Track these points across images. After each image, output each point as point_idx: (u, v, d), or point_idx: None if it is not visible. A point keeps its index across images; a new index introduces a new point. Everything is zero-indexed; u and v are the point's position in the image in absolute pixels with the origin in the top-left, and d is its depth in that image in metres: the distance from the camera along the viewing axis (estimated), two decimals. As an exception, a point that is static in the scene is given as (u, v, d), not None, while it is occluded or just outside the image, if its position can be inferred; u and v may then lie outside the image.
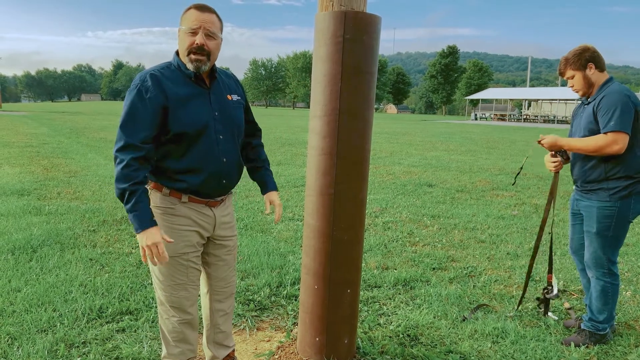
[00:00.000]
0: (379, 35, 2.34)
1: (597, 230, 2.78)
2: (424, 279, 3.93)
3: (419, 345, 2.88)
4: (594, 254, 2.84)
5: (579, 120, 2.90)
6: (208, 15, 1.99)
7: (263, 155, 2.49)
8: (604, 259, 2.81)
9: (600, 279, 2.85)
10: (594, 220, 2.79)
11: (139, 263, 4.07)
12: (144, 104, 1.93)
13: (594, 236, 2.81)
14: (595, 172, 2.77)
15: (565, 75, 2.85)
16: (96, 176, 8.28)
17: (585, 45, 2.82)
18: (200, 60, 1.99)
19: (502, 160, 12.44)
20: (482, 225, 5.77)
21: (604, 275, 2.84)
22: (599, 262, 2.83)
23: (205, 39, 1.97)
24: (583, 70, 2.77)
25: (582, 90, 2.82)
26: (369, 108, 2.38)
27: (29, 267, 3.88)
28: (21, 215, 5.51)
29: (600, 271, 2.84)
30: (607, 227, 2.76)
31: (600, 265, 2.83)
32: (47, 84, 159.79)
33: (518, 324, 3.18)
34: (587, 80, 2.78)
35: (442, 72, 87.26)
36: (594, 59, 2.76)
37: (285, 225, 5.48)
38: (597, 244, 2.81)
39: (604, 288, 2.85)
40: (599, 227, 2.77)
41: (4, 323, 2.94)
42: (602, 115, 2.65)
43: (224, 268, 2.34)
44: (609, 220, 2.74)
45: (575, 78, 2.81)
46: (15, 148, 11.88)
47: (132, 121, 1.93)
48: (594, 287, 2.89)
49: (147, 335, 2.87)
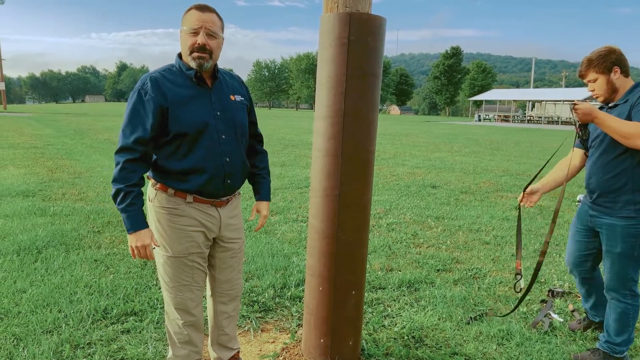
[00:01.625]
0: (383, 37, 2.34)
1: (622, 251, 2.53)
2: (429, 281, 3.92)
3: (424, 347, 2.88)
4: (617, 275, 2.59)
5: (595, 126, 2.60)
6: (208, 15, 2.01)
7: (265, 163, 2.49)
8: (628, 279, 2.58)
9: (622, 302, 2.62)
10: (617, 240, 2.53)
11: (143, 264, 4.07)
12: (143, 105, 1.97)
13: (617, 257, 2.56)
14: (619, 181, 2.49)
15: (587, 78, 2.58)
16: (100, 177, 8.30)
17: (610, 46, 2.53)
18: (203, 57, 2.01)
19: (506, 162, 12.41)
20: (487, 226, 5.75)
21: (625, 297, 2.61)
22: (623, 284, 2.59)
23: (206, 38, 2.00)
24: (608, 74, 2.50)
25: (604, 96, 2.56)
26: (373, 110, 2.38)
27: (34, 268, 3.89)
28: (26, 216, 5.53)
29: (622, 293, 2.61)
30: (632, 247, 2.50)
31: (624, 287, 2.59)
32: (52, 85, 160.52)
33: (523, 326, 3.17)
34: (611, 85, 2.51)
35: (445, 73, 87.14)
36: (620, 63, 2.50)
37: (289, 227, 5.48)
38: (620, 265, 2.56)
39: (626, 310, 2.62)
40: (624, 247, 2.52)
41: (9, 324, 2.95)
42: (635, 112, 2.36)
43: (229, 271, 2.34)
44: (634, 239, 2.49)
45: (598, 82, 2.54)
46: (20, 149, 11.93)
47: (130, 124, 1.98)
48: (614, 310, 2.66)
49: (152, 337, 2.88)
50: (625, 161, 2.46)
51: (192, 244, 2.12)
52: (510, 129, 33.65)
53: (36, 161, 10.01)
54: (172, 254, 2.11)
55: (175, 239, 2.09)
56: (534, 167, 11.33)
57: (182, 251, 2.11)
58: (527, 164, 11.96)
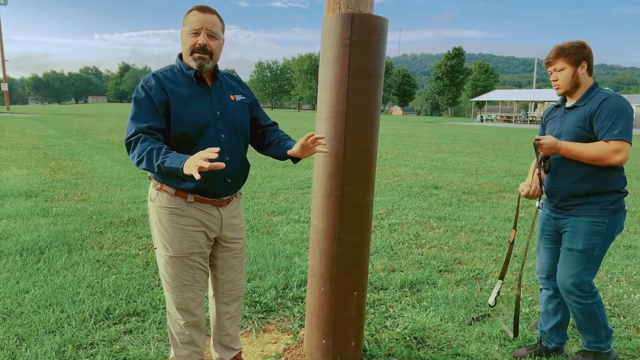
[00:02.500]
0: (385, 38, 2.34)
1: (583, 248, 2.46)
2: (431, 282, 3.92)
3: (426, 348, 2.87)
4: (575, 276, 2.49)
5: (559, 125, 2.57)
6: (210, 16, 2.03)
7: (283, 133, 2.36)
8: (585, 281, 2.49)
9: (583, 303, 2.52)
10: (580, 236, 2.47)
11: (145, 265, 4.08)
12: (149, 98, 1.99)
13: (577, 255, 2.48)
14: (584, 185, 2.45)
15: (553, 66, 2.50)
16: (103, 178, 8.32)
17: (583, 41, 2.48)
18: (204, 58, 2.03)
19: (508, 162, 12.39)
20: (489, 227, 5.74)
21: (586, 298, 2.51)
22: (580, 286, 2.49)
23: (207, 39, 2.02)
24: (576, 67, 2.45)
25: (565, 89, 2.50)
26: (375, 110, 2.38)
27: (36, 269, 3.90)
28: (29, 216, 5.55)
29: (581, 295, 2.51)
30: (593, 246, 2.45)
31: (581, 289, 2.50)
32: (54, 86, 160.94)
33: (525, 326, 3.17)
34: (576, 79, 2.47)
35: (447, 74, 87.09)
36: (589, 59, 2.47)
37: (291, 227, 5.48)
38: (578, 264, 2.48)
39: (590, 310, 2.53)
40: (586, 244, 2.45)
41: (12, 324, 2.96)
42: (603, 121, 2.35)
43: (231, 271, 2.34)
44: (596, 238, 2.44)
45: (564, 72, 2.47)
46: (22, 150, 11.96)
47: (139, 113, 1.97)
48: (578, 312, 2.56)
49: (154, 337, 2.88)
50: (588, 166, 2.42)
51: (193, 243, 2.13)
52: (512, 130, 33.60)
53: (39, 162, 10.04)
54: (173, 254, 2.11)
55: (177, 238, 2.10)
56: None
57: (183, 251, 2.11)
58: (529, 165, 11.92)
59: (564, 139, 2.50)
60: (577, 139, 2.44)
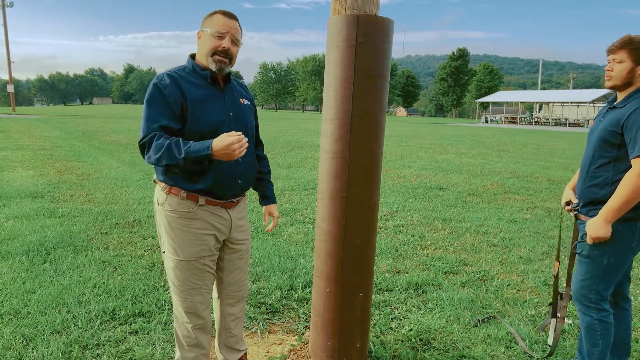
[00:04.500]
0: (391, 39, 2.34)
1: (589, 254, 2.33)
2: (436, 283, 3.91)
3: (432, 350, 2.87)
4: (581, 282, 2.38)
5: (597, 124, 2.40)
6: (234, 22, 2.09)
7: (268, 168, 2.54)
8: (592, 290, 2.35)
9: (586, 314, 2.40)
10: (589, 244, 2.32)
11: (151, 265, 4.09)
12: (163, 97, 1.98)
13: (585, 261, 2.36)
14: (602, 191, 2.29)
15: (614, 55, 2.29)
16: (108, 179, 8.35)
17: None
18: (224, 62, 2.06)
19: (513, 164, 12.35)
20: (494, 229, 5.73)
21: (589, 310, 2.38)
22: (584, 294, 2.37)
23: (230, 44, 2.06)
24: (636, 65, 2.24)
25: (615, 82, 2.30)
26: (381, 111, 2.38)
27: (43, 269, 3.92)
28: (35, 217, 5.57)
29: (585, 305, 2.39)
30: (601, 253, 2.29)
31: (586, 298, 2.37)
32: (60, 87, 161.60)
33: (532, 329, 3.15)
34: (630, 77, 2.26)
35: (452, 75, 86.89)
36: None
37: (295, 229, 5.48)
38: (586, 270, 2.36)
39: (591, 325, 2.38)
40: (592, 250, 2.31)
41: (18, 324, 2.97)
42: (629, 132, 2.17)
43: (236, 272, 2.35)
44: (604, 244, 2.26)
45: (622, 65, 2.26)
46: (28, 151, 12.02)
47: (153, 113, 1.97)
48: (581, 323, 2.45)
49: (160, 338, 2.89)
50: (607, 172, 2.28)
51: (203, 247, 2.13)
52: (517, 131, 33.50)
53: (45, 163, 10.09)
54: (183, 258, 2.11)
55: (187, 242, 2.10)
56: (541, 169, 11.28)
57: (193, 255, 2.12)
58: (534, 166, 11.90)
59: (591, 141, 2.37)
60: (601, 142, 2.28)
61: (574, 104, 50.05)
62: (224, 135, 1.86)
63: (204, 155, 1.84)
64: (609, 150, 2.27)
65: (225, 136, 1.85)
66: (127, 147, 13.72)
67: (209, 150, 1.84)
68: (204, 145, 1.86)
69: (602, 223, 2.21)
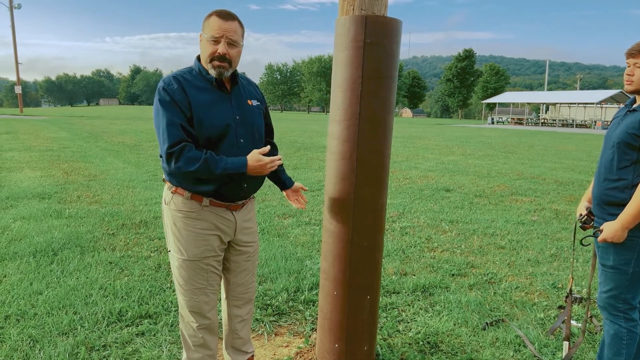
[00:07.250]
0: (399, 40, 2.32)
1: (614, 264, 2.28)
2: (443, 285, 3.88)
3: (439, 353, 2.84)
4: (608, 292, 2.35)
5: (615, 126, 2.34)
6: (230, 23, 2.00)
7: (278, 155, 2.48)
8: (619, 299, 2.32)
9: (615, 323, 2.36)
10: (610, 251, 2.28)
11: (157, 267, 4.09)
12: (175, 103, 1.96)
13: (610, 271, 2.32)
14: (622, 194, 2.23)
15: (634, 59, 2.23)
16: (115, 180, 8.37)
17: None
18: (223, 67, 2.02)
19: (520, 165, 12.28)
20: (502, 230, 5.69)
21: (617, 319, 2.35)
22: (613, 304, 2.34)
23: (227, 47, 1.99)
24: None
25: (637, 86, 2.24)
26: (389, 113, 2.36)
27: (50, 270, 3.92)
28: (42, 218, 5.59)
29: (613, 314, 2.36)
30: (626, 262, 2.24)
31: (614, 308, 2.34)
32: (67, 88, 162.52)
33: (541, 332, 3.12)
34: None
35: (458, 76, 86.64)
36: None
37: (302, 230, 5.47)
38: (613, 282, 2.32)
39: (619, 333, 2.35)
40: (617, 260, 2.27)
41: (25, 326, 2.98)
42: None
43: (243, 274, 2.34)
44: (629, 253, 2.22)
45: None
46: (36, 152, 12.09)
47: (173, 119, 1.94)
48: (606, 331, 2.41)
49: (167, 339, 2.88)
50: (628, 175, 2.22)
51: (207, 247, 2.12)
52: (523, 132, 33.34)
53: (52, 164, 10.14)
54: (187, 257, 2.11)
55: (192, 242, 2.09)
56: (548, 171, 11.20)
57: (198, 254, 2.11)
58: (541, 167, 11.82)
59: (610, 143, 2.32)
60: (620, 144, 2.23)
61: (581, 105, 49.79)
62: (258, 154, 2.01)
63: (240, 172, 1.98)
64: (628, 152, 2.22)
65: (259, 155, 2.00)
66: (133, 148, 13.77)
67: (245, 169, 1.98)
68: (240, 163, 1.98)
69: (619, 228, 2.19)
